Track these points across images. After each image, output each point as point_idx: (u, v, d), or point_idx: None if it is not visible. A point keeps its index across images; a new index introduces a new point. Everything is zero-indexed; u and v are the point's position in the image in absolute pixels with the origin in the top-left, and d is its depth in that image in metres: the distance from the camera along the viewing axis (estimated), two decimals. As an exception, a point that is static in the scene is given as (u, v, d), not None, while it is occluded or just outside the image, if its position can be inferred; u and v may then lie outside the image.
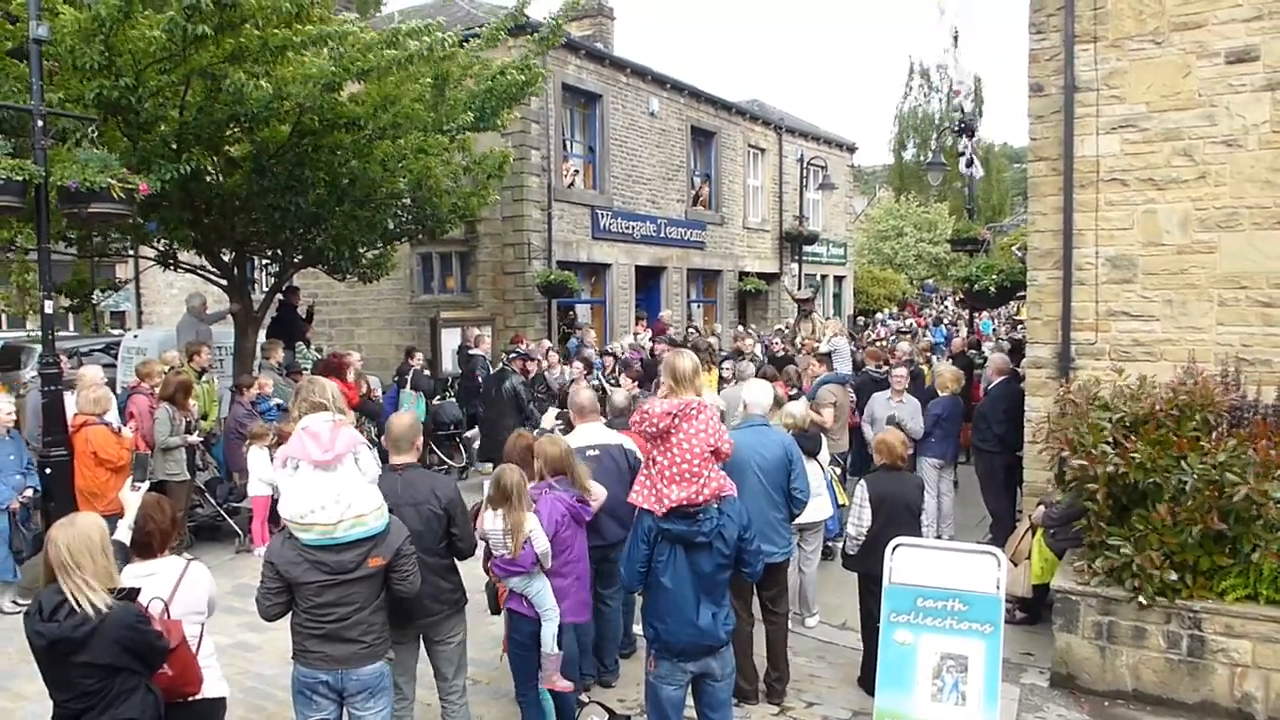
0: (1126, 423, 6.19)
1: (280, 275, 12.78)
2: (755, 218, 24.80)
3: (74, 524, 3.46)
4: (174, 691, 3.71)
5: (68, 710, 3.39)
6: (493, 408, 11.05)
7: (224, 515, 9.88)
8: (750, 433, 5.96)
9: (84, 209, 7.79)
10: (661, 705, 4.41)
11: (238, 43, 8.78)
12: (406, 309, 18.33)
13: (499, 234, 17.01)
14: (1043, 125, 7.76)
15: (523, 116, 16.15)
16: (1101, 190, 7.48)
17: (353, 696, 4.15)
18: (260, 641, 7.00)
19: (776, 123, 25.47)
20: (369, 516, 4.05)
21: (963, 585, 5.35)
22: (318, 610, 4.04)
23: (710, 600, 4.30)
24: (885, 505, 6.08)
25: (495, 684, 6.34)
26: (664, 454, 4.30)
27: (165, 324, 19.86)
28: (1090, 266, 7.53)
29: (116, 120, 9.16)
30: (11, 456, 7.91)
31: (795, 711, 6.01)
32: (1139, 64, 7.31)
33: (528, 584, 4.96)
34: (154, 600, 3.70)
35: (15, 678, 6.25)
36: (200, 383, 10.11)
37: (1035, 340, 7.93)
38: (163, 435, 8.70)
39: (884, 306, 33.99)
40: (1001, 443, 8.78)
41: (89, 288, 14.02)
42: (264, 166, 10.21)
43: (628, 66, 19.41)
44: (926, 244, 40.73)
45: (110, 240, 12.34)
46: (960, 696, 5.19)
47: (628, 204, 19.49)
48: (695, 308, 22.67)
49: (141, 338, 14.26)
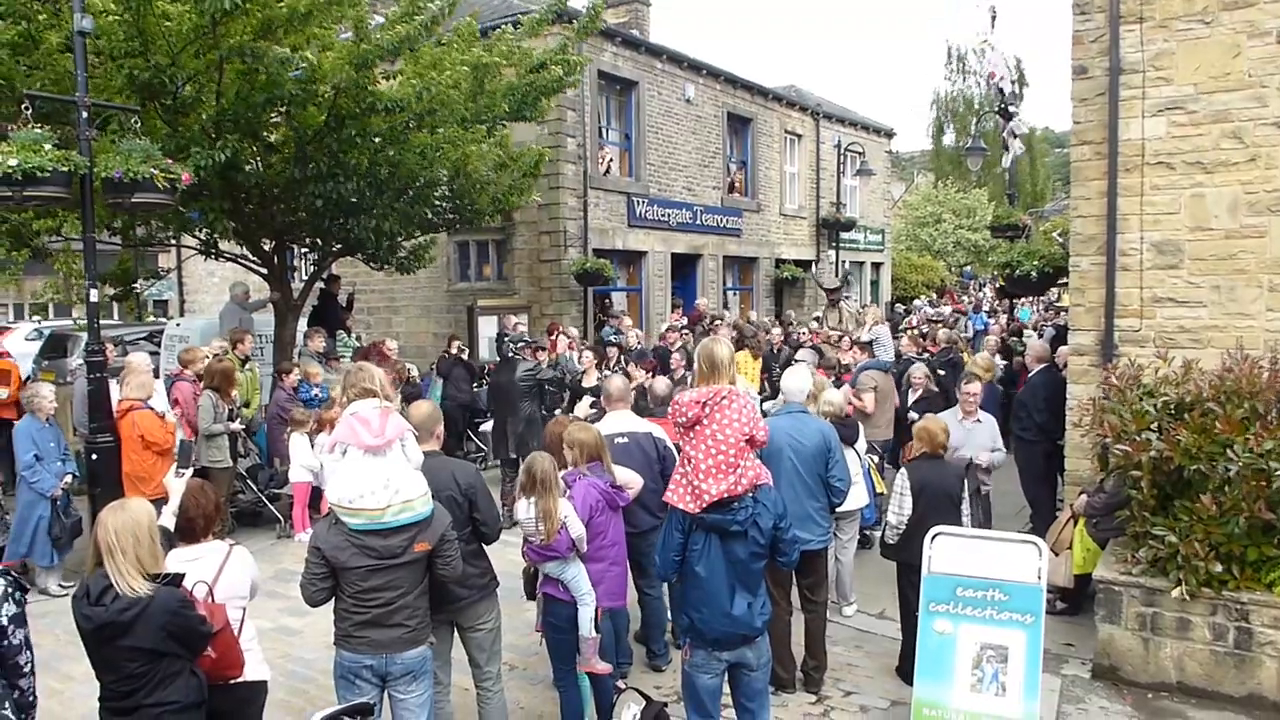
0: (1171, 408, 6.08)
1: (319, 264, 12.91)
2: (792, 204, 24.62)
3: (124, 508, 3.52)
4: (217, 674, 3.77)
5: (114, 692, 3.46)
6: (501, 401, 10.45)
7: (265, 501, 10.02)
8: (788, 420, 5.93)
9: (128, 199, 7.91)
10: (698, 694, 4.40)
11: (265, 15, 8.86)
12: (443, 297, 18.43)
13: (535, 222, 17.04)
14: (1086, 108, 7.62)
15: (559, 104, 16.13)
16: (1147, 174, 7.33)
17: (395, 681, 4.19)
18: (301, 626, 7.09)
19: (813, 108, 25.25)
20: (416, 502, 4.07)
21: (1003, 575, 5.29)
22: (363, 595, 4.07)
23: (745, 589, 4.27)
24: (925, 494, 6.03)
25: (532, 669, 6.38)
26: (696, 446, 4.25)
27: (207, 312, 20.13)
28: (1135, 252, 7.39)
29: (154, 105, 9.28)
30: (52, 444, 8.09)
31: (833, 700, 5.99)
32: (1187, 44, 7.15)
33: (563, 569, 4.98)
34: (198, 584, 3.76)
35: (63, 659, 6.38)
36: (243, 370, 10.25)
37: (1078, 327, 7.81)
38: (206, 422, 8.84)
39: (922, 294, 33.64)
40: (1042, 431, 8.66)
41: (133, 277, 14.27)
42: (303, 154, 10.31)
43: (663, 53, 19.33)
44: (965, 230, 40.26)
45: (153, 230, 12.53)
46: (1000, 687, 5.14)
47: (663, 191, 19.43)
48: (731, 295, 22.58)
49: (184, 325, 14.48)
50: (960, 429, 7.77)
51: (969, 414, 8.01)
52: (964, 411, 8.04)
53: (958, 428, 7.68)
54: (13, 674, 3.39)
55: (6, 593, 3.33)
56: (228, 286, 13.66)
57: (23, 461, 7.90)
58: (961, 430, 7.78)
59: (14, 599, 3.36)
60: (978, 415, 7.99)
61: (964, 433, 7.83)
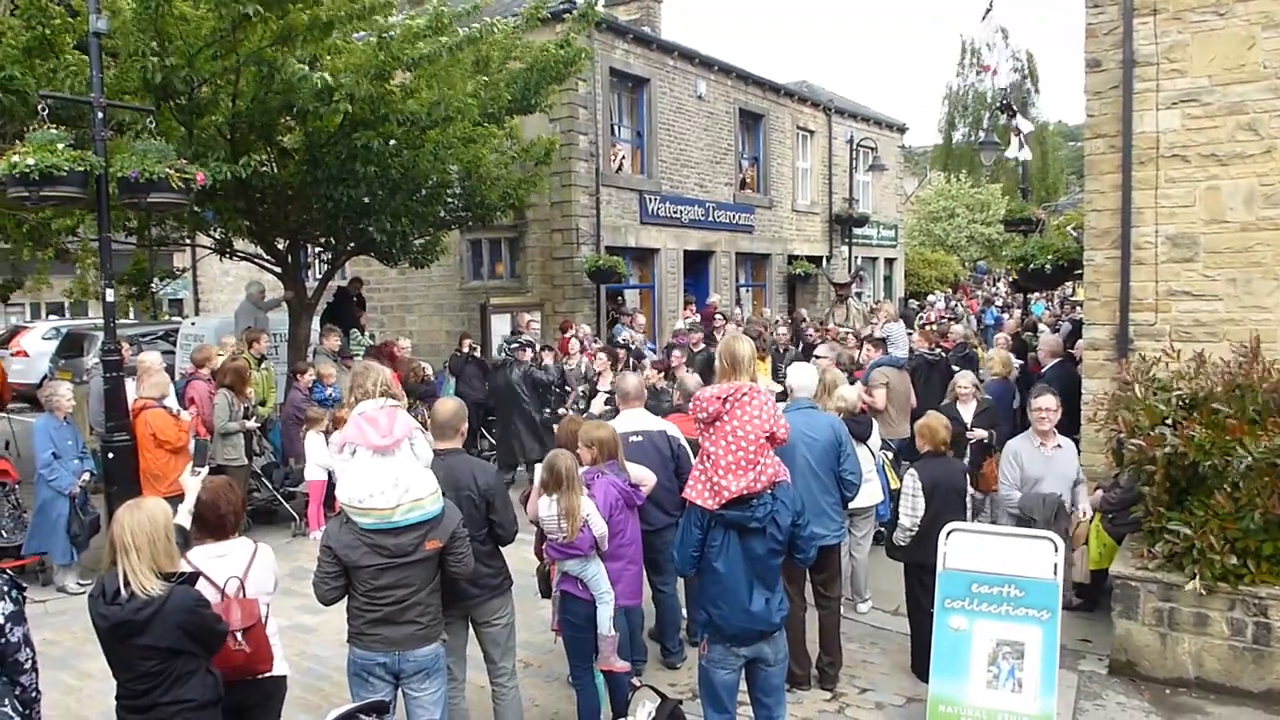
0: (1185, 403, 6.05)
1: (333, 263, 12.96)
2: (804, 200, 24.57)
3: (140, 507, 3.54)
4: (249, 669, 3.80)
5: (131, 690, 3.48)
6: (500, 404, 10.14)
7: (280, 499, 10.07)
8: (799, 415, 5.91)
9: (143, 199, 7.96)
10: (715, 690, 4.40)
11: (285, 23, 8.89)
12: (457, 295, 18.46)
13: (547, 220, 17.05)
14: (1100, 101, 7.58)
15: (570, 102, 16.16)
16: (1161, 167, 7.30)
17: (409, 678, 4.20)
18: (316, 623, 7.12)
19: (825, 104, 25.18)
20: (426, 500, 4.09)
21: (1019, 571, 5.27)
22: (375, 593, 4.09)
23: (763, 585, 4.27)
24: (938, 492, 6.02)
25: (548, 667, 6.39)
26: (716, 443, 4.23)
27: (222, 311, 20.23)
28: (1150, 245, 7.36)
29: (169, 106, 9.33)
30: (70, 442, 8.16)
31: (848, 697, 5.98)
32: (1201, 36, 7.10)
33: (584, 567, 4.98)
34: (230, 580, 3.79)
35: (80, 657, 6.43)
36: (258, 369, 10.30)
37: (1093, 321, 7.78)
38: (221, 420, 8.89)
39: (935, 289, 33.51)
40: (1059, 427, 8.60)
41: (148, 276, 14.35)
42: (316, 158, 10.34)
43: (675, 50, 19.30)
44: (979, 225, 40.09)
45: (168, 229, 12.60)
46: (1016, 683, 5.12)
47: (676, 188, 19.41)
48: (744, 292, 22.55)
49: (199, 325, 14.57)
50: (1038, 456, 6.54)
51: (1046, 436, 6.58)
52: (1038, 434, 6.61)
53: (1034, 455, 6.55)
54: (13, 671, 3.41)
55: (4, 591, 3.35)
56: (243, 286, 13.73)
57: (40, 459, 7.97)
58: (1039, 458, 6.53)
59: (11, 597, 3.38)
60: (1057, 438, 6.61)
61: (1043, 461, 6.51)
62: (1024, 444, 6.52)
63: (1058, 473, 6.48)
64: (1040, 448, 6.54)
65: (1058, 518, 6.35)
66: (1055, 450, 6.54)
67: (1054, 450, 6.54)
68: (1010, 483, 6.60)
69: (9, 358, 18.72)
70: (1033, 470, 6.36)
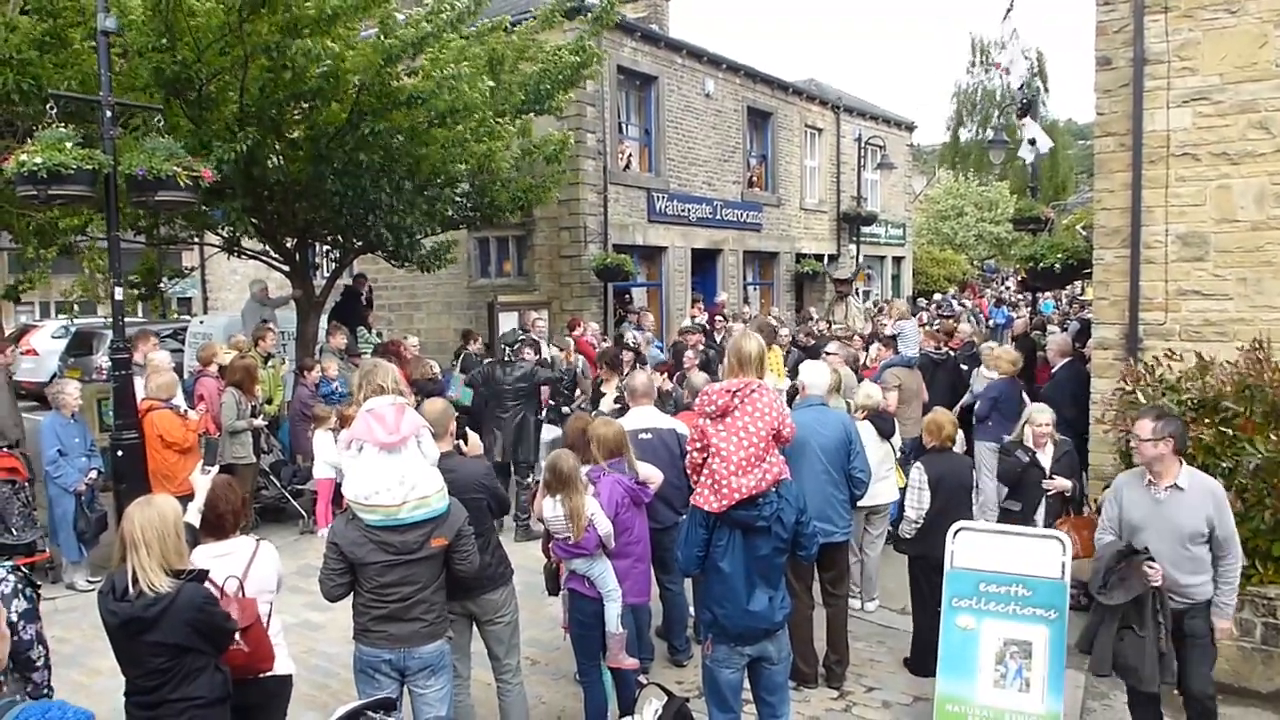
0: (1194, 404, 6.02)
1: (341, 261, 12.97)
2: (812, 199, 24.52)
3: (150, 504, 3.56)
4: (249, 668, 3.81)
5: (140, 687, 3.50)
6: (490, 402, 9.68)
7: (289, 497, 10.09)
8: (810, 413, 5.92)
9: (151, 197, 7.97)
10: (719, 688, 4.40)
11: (292, 15, 8.92)
12: (464, 293, 18.47)
13: (555, 218, 17.05)
14: (1110, 99, 7.55)
15: (578, 100, 16.13)
16: (1172, 165, 7.25)
17: (414, 675, 4.22)
18: (324, 621, 7.14)
19: (834, 102, 25.13)
20: (432, 498, 4.10)
21: (1027, 570, 5.25)
22: (381, 590, 4.10)
23: (766, 584, 4.27)
24: (942, 487, 6.02)
25: (554, 664, 6.40)
26: (726, 439, 4.21)
27: (230, 309, 20.28)
28: (1160, 244, 7.32)
29: (179, 102, 9.36)
30: (77, 439, 8.18)
31: (854, 696, 5.98)
32: (1213, 34, 7.06)
33: (590, 566, 4.99)
34: (229, 579, 3.80)
35: (90, 654, 6.45)
36: (265, 367, 10.33)
37: (1102, 321, 7.74)
38: (229, 418, 8.91)
39: (944, 287, 33.43)
40: (1068, 426, 8.57)
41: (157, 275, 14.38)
42: (322, 153, 10.35)
43: (683, 48, 19.28)
44: (987, 224, 39.96)
45: (177, 228, 12.63)
46: (1024, 683, 5.11)
47: (684, 186, 19.39)
48: (752, 290, 22.52)
49: (207, 323, 14.61)
50: (1144, 499, 4.77)
51: (1159, 474, 4.71)
52: (1151, 473, 4.76)
53: (1140, 497, 4.80)
54: (26, 668, 3.43)
55: (16, 589, 3.37)
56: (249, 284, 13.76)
57: (46, 456, 8.00)
58: (1146, 502, 4.77)
59: (24, 595, 3.40)
60: (1175, 476, 4.68)
61: (1149, 506, 4.75)
62: (1131, 481, 4.92)
63: (1169, 524, 4.67)
64: (1149, 487, 4.77)
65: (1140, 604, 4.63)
66: (1170, 493, 4.71)
67: (1168, 493, 4.72)
68: (1105, 524, 5.01)
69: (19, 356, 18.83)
70: (1134, 515, 4.79)
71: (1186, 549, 4.66)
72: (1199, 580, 4.70)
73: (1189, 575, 4.70)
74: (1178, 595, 4.69)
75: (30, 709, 2.35)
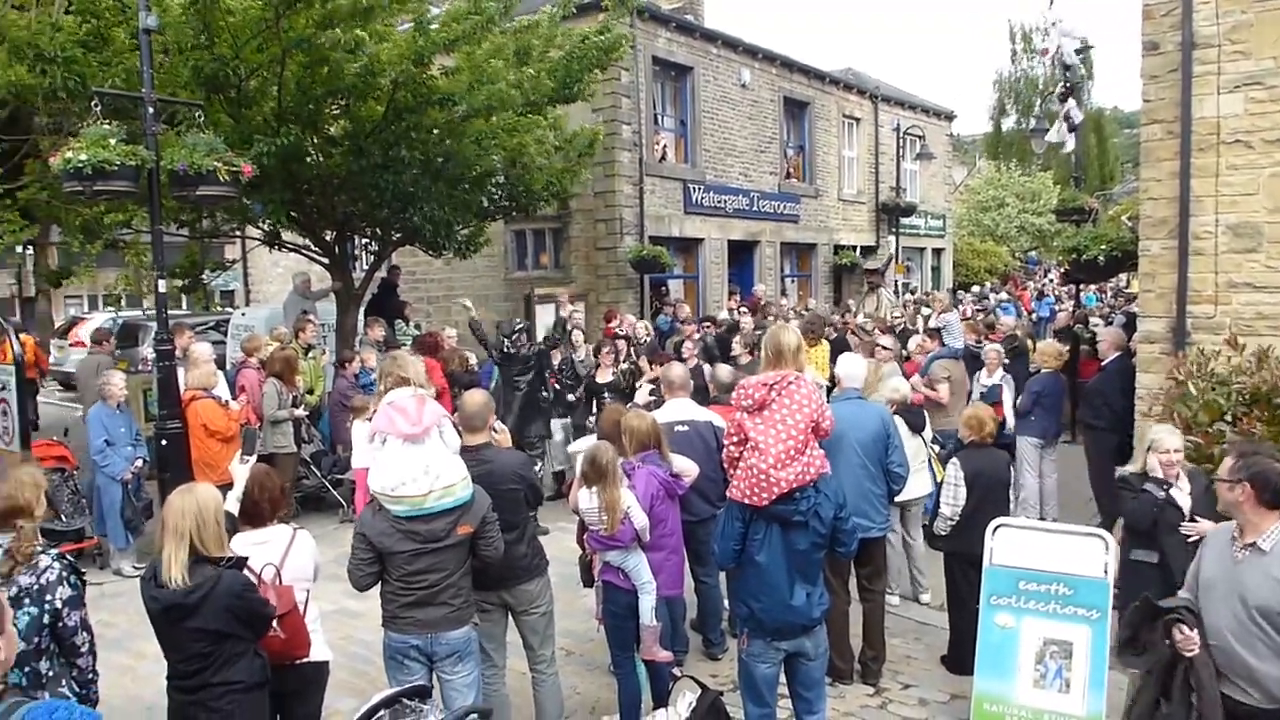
0: (1245, 399, 5.88)
1: (379, 253, 13.08)
2: (850, 189, 24.31)
3: (191, 492, 3.60)
4: (285, 655, 3.85)
5: (181, 671, 3.56)
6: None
7: (328, 486, 10.20)
8: (847, 406, 5.86)
9: (192, 191, 8.09)
10: (755, 683, 4.37)
11: (327, 9, 8.98)
12: (501, 285, 18.55)
13: (591, 210, 17.06)
14: (1158, 85, 7.38)
15: (613, 91, 16.12)
16: (1222, 153, 7.08)
17: (442, 661, 4.26)
18: (362, 608, 7.19)
19: (872, 91, 24.88)
20: (456, 486, 4.14)
21: (1068, 568, 5.16)
22: (409, 578, 4.16)
23: (804, 579, 4.23)
24: (979, 483, 5.94)
25: (589, 655, 6.41)
26: (765, 432, 4.17)
27: (271, 301, 20.53)
28: (1209, 235, 7.15)
29: (219, 99, 9.48)
30: (123, 429, 8.33)
31: (891, 693, 5.92)
32: (1265, 16, 6.87)
33: (625, 558, 4.98)
34: (266, 566, 3.85)
35: (135, 638, 6.56)
36: (306, 359, 10.44)
37: (1148, 314, 7.58)
38: (271, 409, 9.02)
39: (984, 280, 33.00)
40: (1119, 420, 8.42)
41: (200, 268, 14.60)
42: (361, 146, 10.44)
43: (719, 38, 19.18)
44: (1030, 215, 39.36)
45: (218, 222, 12.81)
46: (1064, 683, 5.02)
47: (720, 177, 19.31)
48: (789, 282, 22.38)
49: (249, 315, 14.79)
50: (1224, 555, 3.84)
51: (1241, 530, 3.80)
52: (1239, 523, 3.82)
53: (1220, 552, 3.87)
54: (71, 653, 3.49)
55: (61, 576, 3.42)
56: (291, 277, 13.91)
57: (94, 446, 8.15)
58: (1225, 559, 3.83)
59: (69, 582, 3.46)
60: (1263, 531, 3.72)
61: (1225, 566, 3.81)
62: (1221, 531, 4.00)
63: (1238, 591, 3.70)
64: (1232, 542, 3.83)
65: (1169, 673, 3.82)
66: (1249, 553, 3.72)
67: (1246, 553, 3.73)
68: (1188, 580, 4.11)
69: (68, 348, 19.22)
70: (1207, 572, 3.87)
71: (1259, 626, 3.61)
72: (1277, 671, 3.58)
73: (1263, 660, 3.60)
74: (1244, 684, 3.67)
75: (37, 709, 2.37)
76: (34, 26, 8.79)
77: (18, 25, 8.78)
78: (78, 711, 2.40)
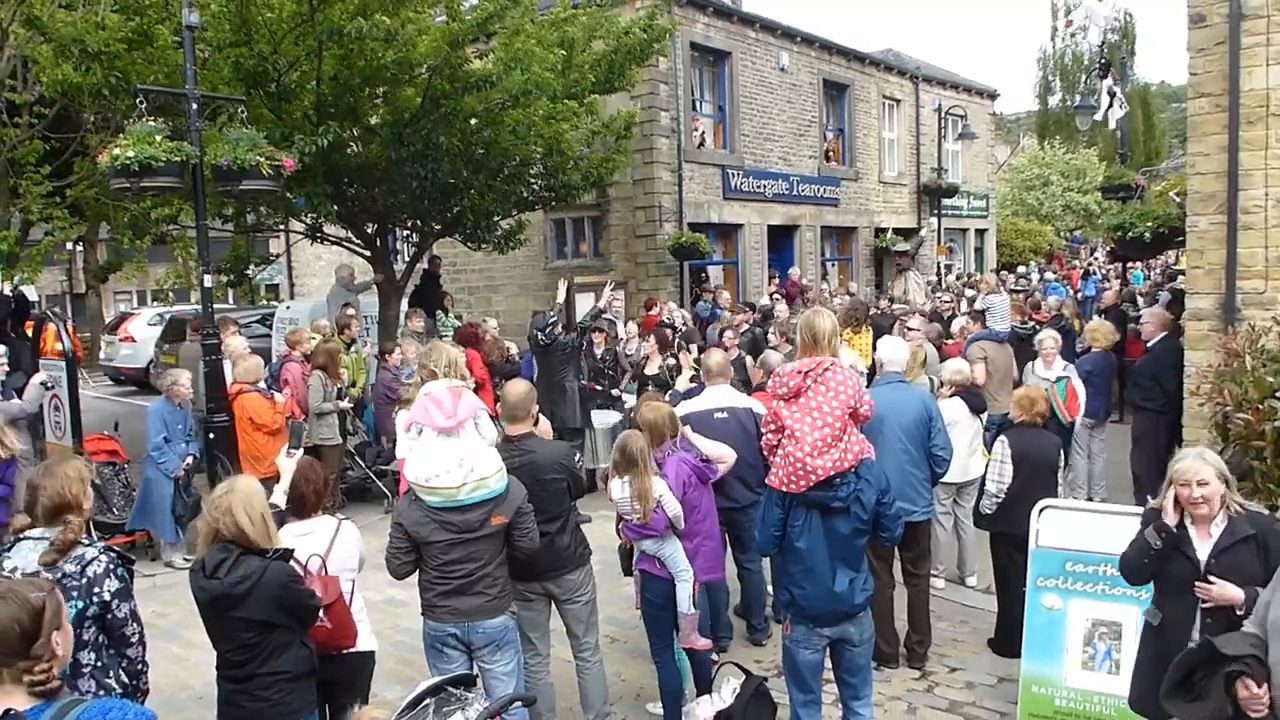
0: (1299, 375, 5.74)
1: (420, 245, 13.18)
2: (891, 172, 24.04)
3: (233, 487, 3.66)
4: (331, 644, 3.91)
5: (230, 661, 3.62)
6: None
7: (373, 477, 10.32)
8: (888, 390, 5.82)
9: (236, 186, 8.22)
10: (799, 669, 4.36)
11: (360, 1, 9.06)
12: (541, 275, 18.62)
13: (630, 197, 17.04)
14: (1204, 58, 7.20)
15: (651, 78, 16.07)
16: (1272, 126, 6.89)
17: (480, 650, 4.30)
18: (407, 598, 7.25)
19: (912, 72, 24.54)
20: (490, 479, 4.16)
21: (1116, 549, 5.04)
22: (446, 567, 4.21)
23: (847, 566, 4.19)
24: (1027, 463, 5.87)
25: (633, 642, 6.43)
26: (800, 420, 4.14)
27: (315, 294, 20.80)
28: (1259, 209, 6.98)
29: (259, 94, 9.60)
30: (180, 427, 8.47)
31: (937, 676, 5.88)
32: (1317, -15, 6.68)
33: (660, 547, 4.98)
34: (312, 557, 3.91)
35: (186, 628, 6.69)
36: (349, 352, 10.56)
37: (1196, 290, 7.42)
38: (316, 401, 9.14)
39: (1028, 259, 32.49)
40: (1169, 400, 8.25)
41: (244, 262, 14.80)
42: (400, 135, 10.52)
43: (756, 21, 19.04)
44: (1075, 193, 38.66)
45: (262, 216, 12.99)
46: (1114, 665, 4.95)
47: (759, 162, 19.20)
48: (830, 266, 22.21)
49: (293, 308, 14.99)
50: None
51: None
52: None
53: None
54: (120, 644, 3.55)
55: (109, 568, 3.48)
56: (334, 270, 14.08)
57: (152, 442, 8.29)
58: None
59: (117, 574, 3.51)
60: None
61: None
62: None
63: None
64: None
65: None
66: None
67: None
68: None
69: (118, 343, 19.64)
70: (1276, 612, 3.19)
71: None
72: None
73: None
74: None
75: (92, 708, 2.41)
76: (80, 25, 8.96)
77: (65, 23, 8.96)
78: (131, 712, 2.44)
